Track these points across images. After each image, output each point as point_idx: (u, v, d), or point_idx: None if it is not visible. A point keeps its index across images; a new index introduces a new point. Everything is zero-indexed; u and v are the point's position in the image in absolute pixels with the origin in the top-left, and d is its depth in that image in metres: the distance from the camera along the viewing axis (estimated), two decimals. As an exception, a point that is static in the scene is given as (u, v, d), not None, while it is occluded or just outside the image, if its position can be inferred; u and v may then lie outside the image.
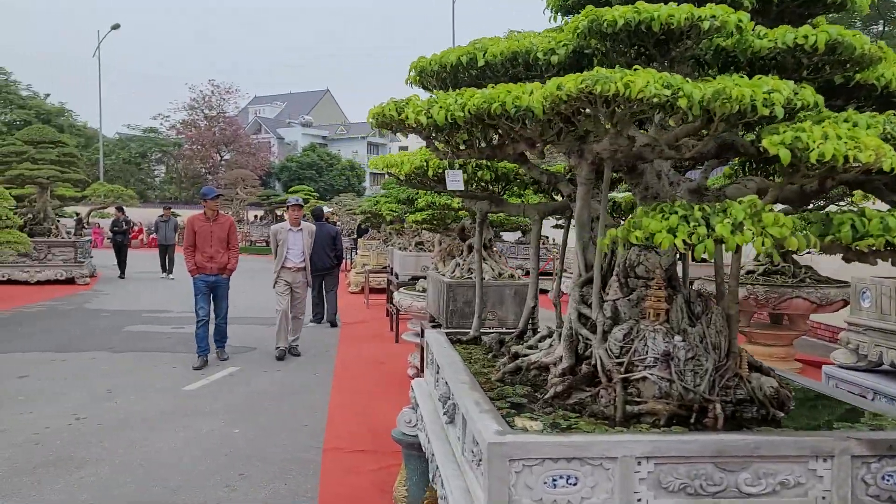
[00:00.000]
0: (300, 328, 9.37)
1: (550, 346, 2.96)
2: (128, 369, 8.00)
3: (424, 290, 7.51)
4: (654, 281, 2.59)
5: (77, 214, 24.15)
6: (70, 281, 17.18)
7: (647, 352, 2.48)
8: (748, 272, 8.57)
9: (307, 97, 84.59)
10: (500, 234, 22.81)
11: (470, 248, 5.43)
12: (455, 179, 2.80)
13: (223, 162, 56.51)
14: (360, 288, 15.05)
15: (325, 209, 19.25)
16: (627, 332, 2.56)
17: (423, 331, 6.04)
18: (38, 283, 16.91)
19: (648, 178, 2.76)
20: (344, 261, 14.07)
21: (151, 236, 39.41)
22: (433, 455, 2.90)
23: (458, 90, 2.67)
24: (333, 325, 11.51)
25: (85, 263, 17.58)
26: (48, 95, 47.92)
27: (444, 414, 2.87)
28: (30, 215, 17.64)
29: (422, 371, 4.80)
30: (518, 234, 20.76)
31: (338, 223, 26.29)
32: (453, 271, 5.36)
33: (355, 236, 21.47)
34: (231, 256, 8.37)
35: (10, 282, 16.69)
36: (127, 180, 49.49)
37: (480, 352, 3.47)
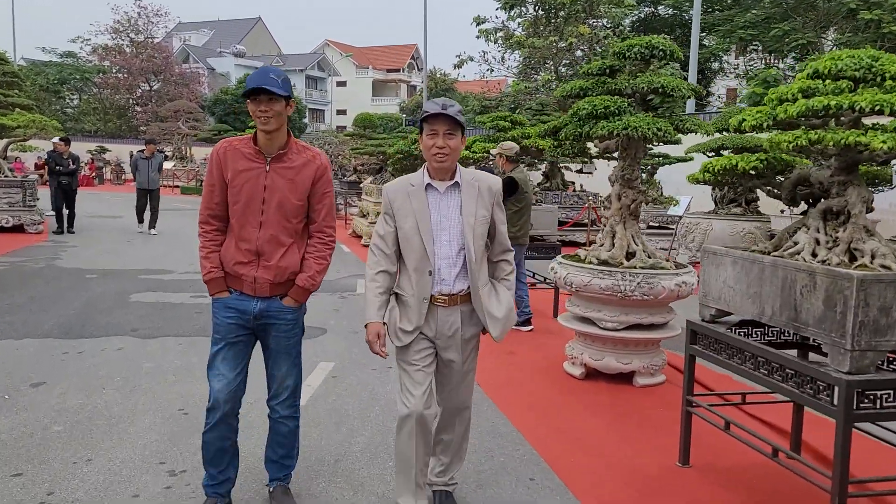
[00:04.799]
0: (463, 456, 3.60)
1: None
2: (181, 368, 5.77)
3: (602, 263, 5.55)
4: None
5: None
6: (18, 229, 14.34)
7: None
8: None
9: (237, 25, 78.97)
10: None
11: (823, 215, 3.48)
12: None
13: (153, 92, 51.98)
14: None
15: None
16: None
17: (693, 334, 4.12)
18: (-22, 231, 14.02)
19: None
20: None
21: (92, 175, 35.53)
22: None
23: None
24: None
25: (35, 208, 14.70)
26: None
27: None
28: (-38, 149, 14.56)
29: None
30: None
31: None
32: (814, 252, 3.40)
33: (350, 179, 19.00)
34: (312, 255, 3.38)
35: (-58, 230, 13.76)
36: (43, 110, 44.71)
37: None
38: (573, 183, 16.82)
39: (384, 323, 3.21)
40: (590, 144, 6.14)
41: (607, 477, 4.00)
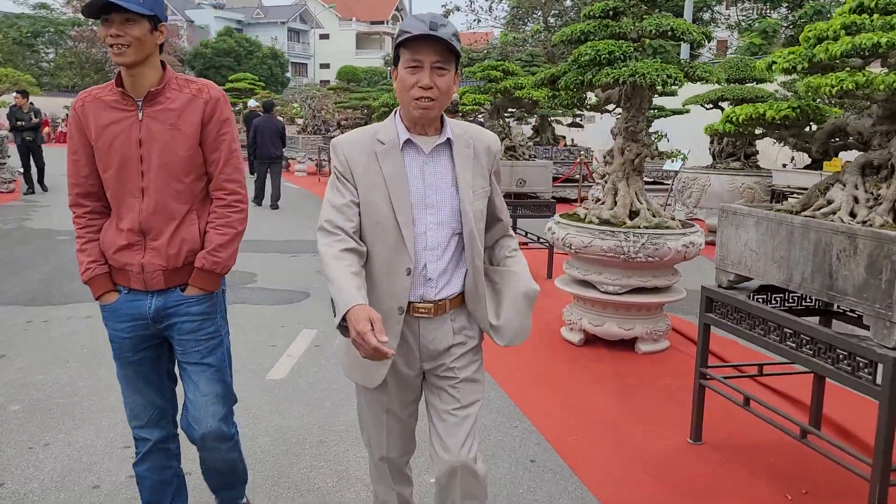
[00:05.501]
0: None
1: None
2: (153, 338, 5.39)
3: (604, 222, 5.18)
4: None
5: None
6: (-12, 188, 13.77)
7: None
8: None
9: (216, -25, 76.59)
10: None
11: (862, 170, 3.11)
12: None
13: (130, 46, 50.42)
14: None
15: (252, 103, 16.40)
16: None
17: (709, 301, 3.76)
18: (-55, 190, 13.44)
19: None
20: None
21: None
22: None
23: None
24: (275, 207, 13.04)
25: (6, 165, 14.09)
26: None
27: None
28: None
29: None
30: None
31: (297, 121, 23.08)
32: (869, 215, 3.02)
33: (333, 134, 18.39)
34: (213, 224, 2.48)
35: None
36: (17, 65, 43.32)
37: None
38: (563, 137, 16.36)
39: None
40: (589, 94, 5.71)
41: (613, 456, 3.68)
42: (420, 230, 2.15)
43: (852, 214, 3.06)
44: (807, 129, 3.36)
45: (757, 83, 10.13)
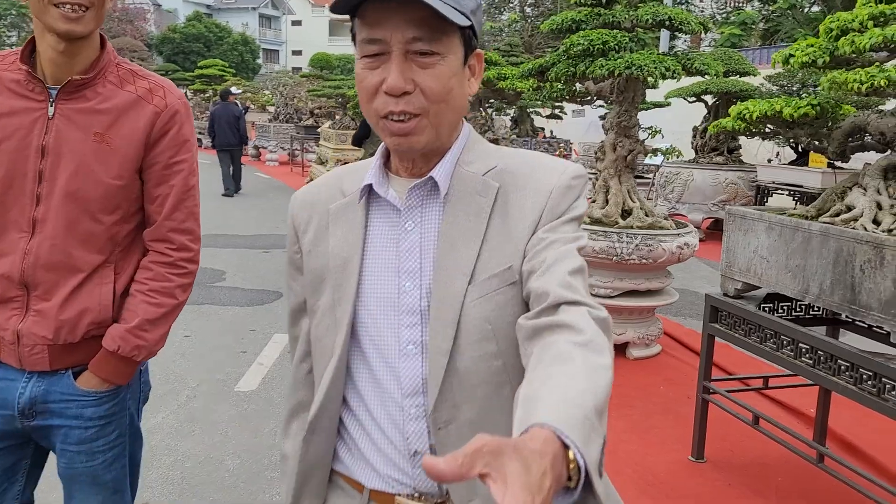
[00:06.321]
0: None
1: None
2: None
3: (595, 222, 4.93)
4: None
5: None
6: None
7: None
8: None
9: (185, -41, 75.07)
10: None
11: (884, 173, 2.88)
12: None
13: (95, 29, 49.20)
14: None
15: (234, 90, 16.04)
16: None
17: (714, 311, 3.52)
18: None
19: None
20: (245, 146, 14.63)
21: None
22: None
23: None
24: (238, 189, 13.51)
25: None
26: None
27: None
28: None
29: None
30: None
31: (253, 108, 22.55)
32: None
33: (306, 123, 17.95)
34: (146, 287, 1.64)
35: None
36: (-22, 48, 41.96)
37: None
38: (542, 129, 16.13)
39: None
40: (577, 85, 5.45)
41: (610, 475, 3.43)
42: (389, 358, 1.12)
43: (876, 222, 2.83)
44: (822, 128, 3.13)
45: (740, 76, 9.94)
